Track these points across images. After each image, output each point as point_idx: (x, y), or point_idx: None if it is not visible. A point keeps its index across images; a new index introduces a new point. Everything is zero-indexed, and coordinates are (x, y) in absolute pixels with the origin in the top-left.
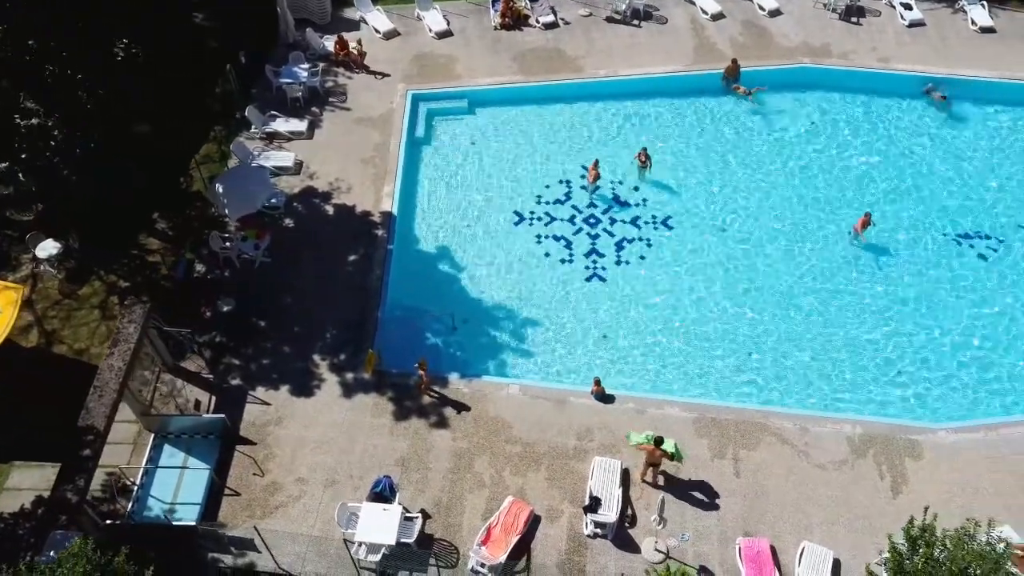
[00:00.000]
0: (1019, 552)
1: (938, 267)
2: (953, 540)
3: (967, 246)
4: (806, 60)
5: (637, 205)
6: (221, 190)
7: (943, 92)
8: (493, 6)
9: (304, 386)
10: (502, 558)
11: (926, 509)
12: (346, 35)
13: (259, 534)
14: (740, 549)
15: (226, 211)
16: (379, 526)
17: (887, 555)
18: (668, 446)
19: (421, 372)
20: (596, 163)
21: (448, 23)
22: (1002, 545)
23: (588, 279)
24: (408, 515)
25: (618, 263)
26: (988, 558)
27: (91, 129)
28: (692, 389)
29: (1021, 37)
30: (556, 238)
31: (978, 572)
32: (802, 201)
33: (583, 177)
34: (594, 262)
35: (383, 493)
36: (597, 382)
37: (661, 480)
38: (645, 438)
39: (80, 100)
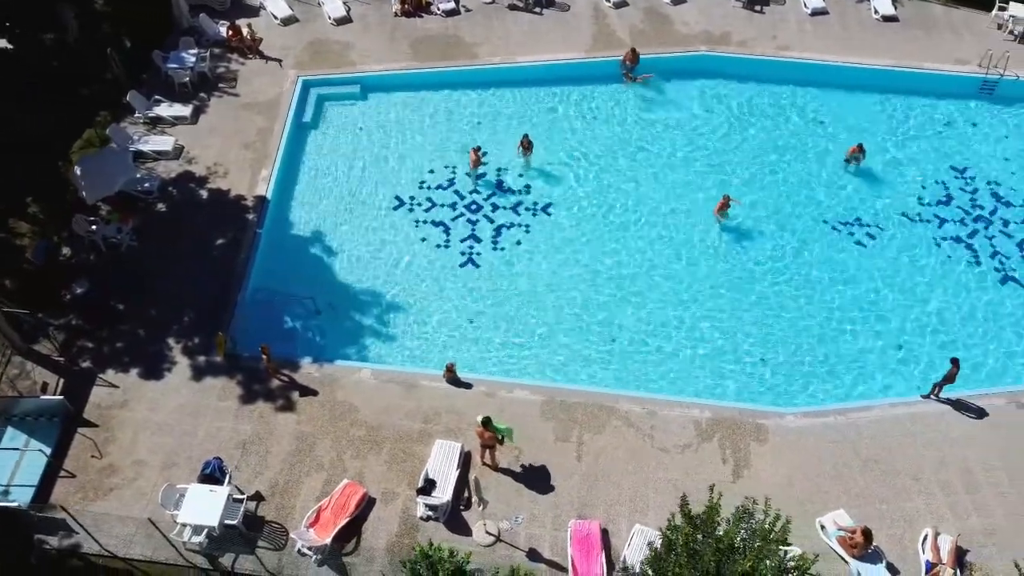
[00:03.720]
0: (848, 534)
1: (814, 253)
2: (735, 518)
3: (846, 233)
4: (703, 48)
5: (520, 192)
6: (80, 173)
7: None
8: None
9: (155, 369)
10: (328, 540)
11: (712, 487)
12: (240, 21)
13: (71, 516)
14: (570, 531)
15: (83, 194)
16: (203, 507)
17: (666, 532)
18: (497, 426)
19: (264, 357)
20: (477, 148)
21: (348, 10)
22: (779, 524)
23: (462, 264)
24: (236, 497)
25: (495, 248)
26: (757, 533)
27: None
28: (552, 373)
29: (923, 27)
30: (435, 223)
31: (746, 547)
32: (687, 187)
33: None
34: (470, 247)
35: (213, 474)
36: (450, 368)
37: (502, 462)
38: (484, 420)
39: None
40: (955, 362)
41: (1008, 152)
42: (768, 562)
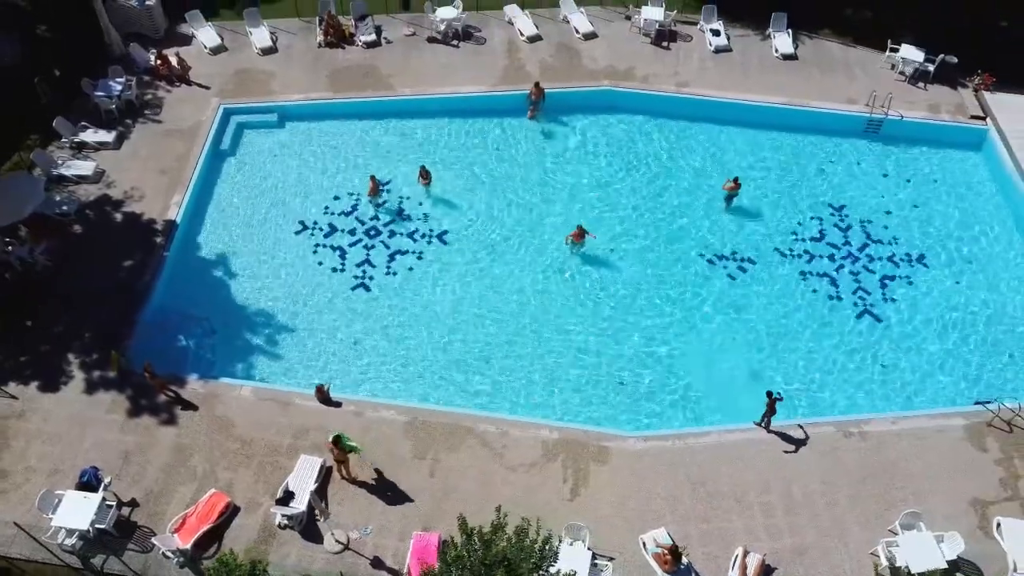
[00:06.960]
0: (663, 551)
1: (686, 284)
2: (514, 535)
3: (720, 266)
4: (607, 83)
5: (418, 220)
6: None
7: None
8: (320, 25)
9: (53, 382)
10: (188, 545)
11: (498, 508)
12: (168, 50)
13: None
14: (412, 543)
15: None
16: (76, 512)
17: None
18: (347, 443)
19: (146, 374)
20: (373, 177)
21: (275, 41)
22: (552, 543)
23: (354, 288)
24: (108, 503)
25: (387, 274)
26: (524, 550)
27: None
28: (426, 395)
29: (820, 66)
30: (333, 248)
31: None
32: (580, 218)
33: None
34: (364, 272)
35: (89, 482)
36: (320, 388)
37: (360, 476)
38: (335, 437)
39: None
40: (769, 395)
41: (885, 191)
42: None
